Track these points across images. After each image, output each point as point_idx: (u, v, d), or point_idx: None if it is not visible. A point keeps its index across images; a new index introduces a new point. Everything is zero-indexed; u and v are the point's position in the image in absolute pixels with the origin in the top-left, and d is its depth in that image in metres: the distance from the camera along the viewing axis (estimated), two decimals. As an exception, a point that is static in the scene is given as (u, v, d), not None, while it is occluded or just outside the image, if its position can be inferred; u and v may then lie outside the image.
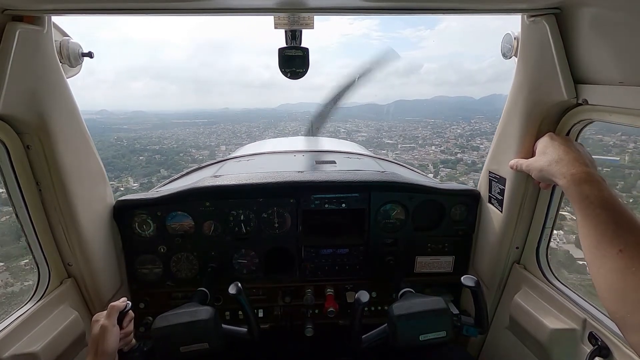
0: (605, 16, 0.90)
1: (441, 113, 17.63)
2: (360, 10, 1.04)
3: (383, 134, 16.16)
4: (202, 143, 18.50)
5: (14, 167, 1.16)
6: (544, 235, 1.38)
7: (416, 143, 14.80)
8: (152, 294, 1.67)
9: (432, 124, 16.60)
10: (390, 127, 16.77)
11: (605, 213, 0.81)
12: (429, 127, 16.45)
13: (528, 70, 1.18)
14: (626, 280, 0.71)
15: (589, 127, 1.18)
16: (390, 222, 1.67)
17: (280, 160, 2.39)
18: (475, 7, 1.03)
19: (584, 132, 1.19)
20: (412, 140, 15.28)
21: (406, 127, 16.90)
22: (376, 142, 15.01)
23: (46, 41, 1.11)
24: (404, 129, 16.73)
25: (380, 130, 16.49)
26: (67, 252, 1.34)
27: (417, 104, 26.80)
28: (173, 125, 23.45)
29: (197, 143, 18.30)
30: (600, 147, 2.89)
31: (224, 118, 28.01)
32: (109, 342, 1.06)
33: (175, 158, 15.11)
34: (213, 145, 17.62)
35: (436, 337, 1.21)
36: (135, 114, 30.00)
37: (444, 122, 16.28)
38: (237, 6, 1.01)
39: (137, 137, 18.10)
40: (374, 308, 1.76)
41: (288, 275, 1.71)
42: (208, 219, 1.60)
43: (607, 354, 1.08)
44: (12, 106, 1.05)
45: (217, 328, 1.23)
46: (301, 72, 1.22)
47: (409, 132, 16.30)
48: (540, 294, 1.35)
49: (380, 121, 17.34)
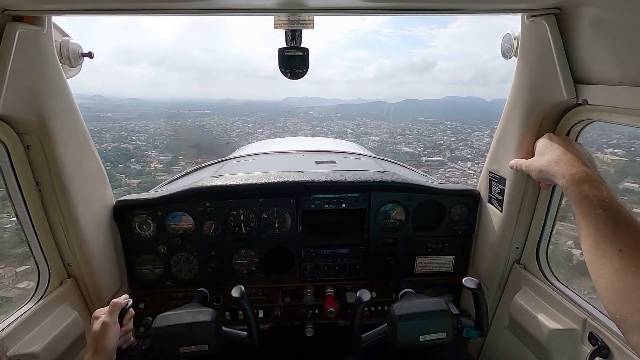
0: (605, 16, 0.90)
1: (455, 115, 16.75)
2: (360, 10, 1.04)
3: (397, 138, 15.05)
4: (176, 141, 16.99)
5: (14, 167, 1.16)
6: (544, 235, 1.38)
7: (442, 154, 12.67)
8: (152, 294, 1.67)
9: (450, 128, 15.26)
10: (403, 129, 15.73)
11: (605, 213, 0.81)
12: (448, 131, 15.15)
13: (528, 70, 1.18)
14: (626, 281, 0.71)
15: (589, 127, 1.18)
16: (391, 222, 1.67)
17: (280, 160, 2.39)
18: (475, 7, 1.03)
19: (584, 132, 1.19)
20: (434, 147, 13.65)
21: (422, 129, 15.65)
22: (391, 149, 13.54)
23: (46, 41, 1.11)
24: (420, 133, 15.54)
25: (393, 134, 15.38)
26: (67, 252, 1.34)
27: (428, 104, 25.71)
28: (166, 116, 22.35)
29: (164, 142, 16.77)
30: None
31: (223, 110, 27.26)
32: (109, 339, 1.06)
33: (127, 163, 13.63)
34: (187, 145, 16.32)
35: (436, 338, 1.21)
36: (130, 102, 29.34)
37: (463, 125, 15.09)
38: (237, 6, 1.01)
39: (110, 128, 16.84)
40: (373, 308, 1.76)
41: (288, 275, 1.71)
42: (208, 219, 1.60)
43: (607, 354, 1.08)
44: (12, 106, 1.05)
45: (218, 330, 1.23)
46: (301, 72, 1.22)
47: (427, 136, 15.00)
48: (540, 294, 1.35)
49: (390, 121, 16.22)
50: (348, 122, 13.59)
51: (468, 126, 14.85)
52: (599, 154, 2.67)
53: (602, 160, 2.80)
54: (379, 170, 1.91)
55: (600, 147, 2.73)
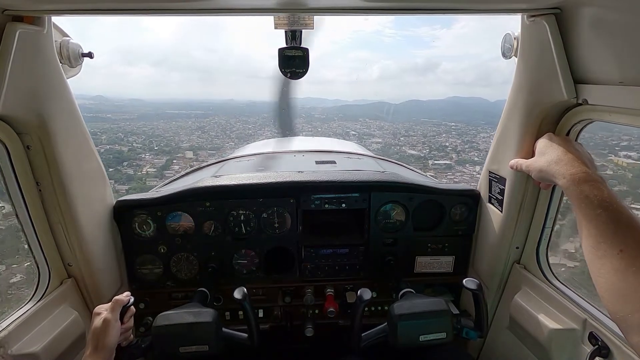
0: (605, 16, 0.90)
1: (458, 115, 16.37)
2: (360, 10, 1.04)
3: (401, 140, 14.66)
4: (174, 143, 16.56)
5: (14, 167, 1.16)
6: (544, 235, 1.38)
7: (448, 157, 12.06)
8: (152, 294, 1.67)
9: (455, 129, 14.84)
10: (407, 130, 15.32)
11: (606, 213, 0.81)
12: (453, 132, 14.77)
13: (528, 70, 1.18)
14: (627, 281, 0.71)
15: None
16: (391, 222, 1.67)
17: (280, 160, 2.39)
18: (475, 7, 1.04)
19: (584, 132, 1.19)
20: (440, 150, 13.17)
21: (426, 130, 15.13)
22: (395, 151, 13.14)
23: (46, 41, 1.11)
24: (425, 134, 15.09)
25: (396, 135, 14.94)
26: (67, 252, 1.33)
27: (431, 105, 25.22)
28: (167, 116, 22.06)
29: (161, 145, 16.39)
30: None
31: (224, 110, 27.00)
32: (110, 336, 1.06)
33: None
34: (184, 147, 15.80)
35: (436, 338, 1.21)
36: (131, 102, 29.12)
37: (467, 126, 14.63)
38: (237, 6, 1.01)
39: (108, 129, 16.38)
40: (373, 308, 1.76)
41: (288, 275, 1.71)
42: (208, 219, 1.60)
43: (607, 354, 1.08)
44: (12, 106, 1.05)
45: (218, 331, 1.23)
46: (301, 72, 1.22)
47: (432, 138, 14.52)
48: (540, 294, 1.35)
49: (394, 123, 15.84)
50: (350, 122, 13.39)
51: (473, 127, 14.44)
52: (612, 156, 2.59)
53: (617, 164, 2.68)
54: (379, 170, 1.91)
55: (612, 150, 2.62)
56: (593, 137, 1.17)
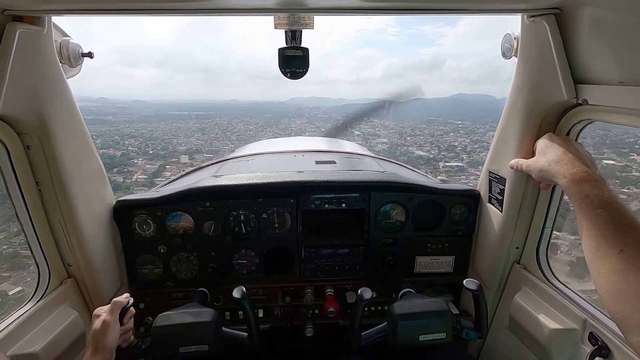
0: (605, 16, 0.90)
1: (464, 113, 15.91)
2: (360, 10, 1.04)
3: (407, 139, 14.22)
4: (170, 146, 16.17)
5: (14, 167, 1.16)
6: (544, 235, 1.38)
7: (459, 158, 11.39)
8: (152, 294, 1.67)
9: (462, 127, 14.33)
10: (413, 129, 14.74)
11: (606, 213, 0.81)
12: (460, 131, 14.18)
13: (528, 70, 1.18)
14: (627, 281, 0.71)
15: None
16: (391, 222, 1.67)
17: (280, 160, 2.39)
18: (475, 7, 1.03)
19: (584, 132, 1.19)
20: (449, 150, 12.59)
21: (433, 130, 14.61)
22: (403, 152, 12.43)
23: (46, 41, 1.11)
24: (432, 134, 14.61)
25: (402, 134, 14.44)
26: (67, 252, 1.33)
27: (436, 102, 24.44)
28: (168, 118, 21.86)
29: (157, 148, 15.92)
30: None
31: (226, 111, 26.79)
32: (109, 337, 1.06)
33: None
34: (180, 150, 15.44)
35: (436, 338, 1.21)
36: (133, 104, 28.95)
37: (474, 124, 14.06)
38: (237, 6, 1.01)
39: (105, 132, 16.09)
40: (373, 308, 1.76)
41: (288, 275, 1.71)
42: (208, 219, 1.60)
43: (607, 354, 1.08)
44: (12, 106, 1.05)
45: (218, 331, 1.23)
46: (301, 72, 1.22)
47: (439, 137, 14.09)
48: (540, 294, 1.35)
49: (399, 122, 15.31)
50: (354, 122, 13.02)
51: (480, 125, 13.95)
52: (634, 155, 2.44)
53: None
54: (379, 170, 1.91)
55: (633, 149, 2.46)
56: (608, 134, 1.14)
